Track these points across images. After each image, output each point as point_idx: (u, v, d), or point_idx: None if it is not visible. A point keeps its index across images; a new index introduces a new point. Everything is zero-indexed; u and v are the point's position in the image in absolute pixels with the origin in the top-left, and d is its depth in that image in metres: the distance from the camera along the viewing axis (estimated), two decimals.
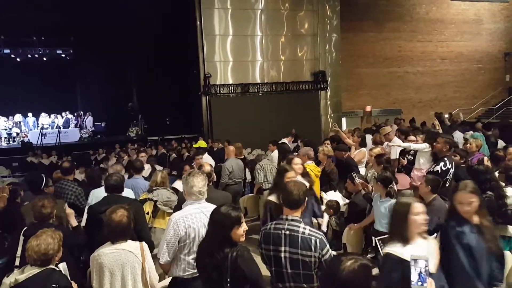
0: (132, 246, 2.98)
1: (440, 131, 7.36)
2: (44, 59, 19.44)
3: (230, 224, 2.55)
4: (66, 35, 18.64)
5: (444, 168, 5.28)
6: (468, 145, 6.17)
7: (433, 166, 5.44)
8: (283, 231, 2.79)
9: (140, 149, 7.59)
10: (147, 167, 7.39)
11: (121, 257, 2.93)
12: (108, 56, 18.48)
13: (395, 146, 6.76)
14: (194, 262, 3.11)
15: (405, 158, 6.84)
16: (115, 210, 2.96)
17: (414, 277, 2.05)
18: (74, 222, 3.79)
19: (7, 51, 18.64)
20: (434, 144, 5.67)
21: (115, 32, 17.46)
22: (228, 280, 2.49)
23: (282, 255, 2.77)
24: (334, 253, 2.93)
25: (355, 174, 5.36)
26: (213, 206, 3.32)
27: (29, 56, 19.11)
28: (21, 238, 3.40)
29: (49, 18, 16.59)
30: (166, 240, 3.10)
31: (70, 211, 3.81)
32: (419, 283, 2.03)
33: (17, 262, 3.34)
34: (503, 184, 4.32)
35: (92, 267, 2.97)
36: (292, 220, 2.82)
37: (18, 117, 18.48)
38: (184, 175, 3.45)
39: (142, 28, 17.40)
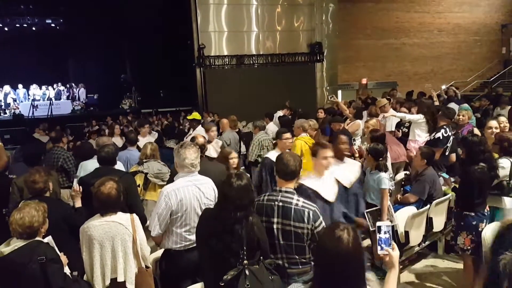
0: (122, 218, 2.95)
1: (437, 103, 7.33)
2: (33, 29, 18.89)
3: (252, 194, 2.61)
4: (55, 4, 18.06)
5: (445, 135, 5.33)
6: (461, 116, 6.16)
7: (434, 133, 5.46)
8: (276, 203, 2.77)
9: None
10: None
11: (111, 229, 2.90)
12: (99, 26, 18.01)
13: (392, 118, 6.74)
14: (187, 234, 3.11)
15: (400, 130, 6.83)
16: (104, 182, 2.91)
17: (379, 242, 2.07)
18: (78, 203, 3.67)
19: None
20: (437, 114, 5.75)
21: (105, 1, 16.96)
22: (245, 248, 2.50)
23: (275, 226, 2.75)
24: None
25: (353, 138, 5.33)
26: (206, 179, 3.29)
27: (17, 26, 18.54)
28: None
29: None
30: (157, 213, 3.06)
31: (75, 193, 3.70)
32: (384, 247, 2.06)
33: None
34: (497, 155, 4.31)
35: (81, 240, 2.93)
36: (286, 191, 2.80)
37: (7, 88, 18.08)
38: (176, 147, 3.38)
39: None
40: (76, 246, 3.15)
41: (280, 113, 9.63)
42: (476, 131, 5.88)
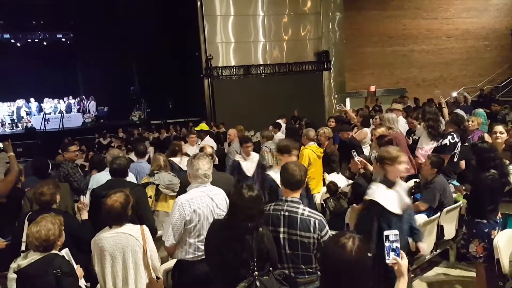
0: (132, 230, 2.97)
1: (446, 110, 7.28)
2: (45, 43, 19.33)
3: (262, 205, 2.65)
4: (65, 18, 18.45)
5: (452, 141, 5.26)
6: (470, 123, 6.11)
7: (441, 140, 5.41)
8: (282, 212, 2.78)
9: None
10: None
11: (121, 241, 2.92)
12: (108, 40, 18.32)
13: (402, 126, 6.71)
14: (200, 244, 3.10)
15: (411, 138, 6.80)
16: (110, 195, 2.95)
17: (387, 252, 2.07)
18: (84, 216, 3.74)
19: (7, 36, 18.52)
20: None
21: (114, 15, 17.27)
22: (255, 259, 2.51)
23: (281, 236, 2.76)
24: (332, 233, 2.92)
25: (354, 151, 5.28)
26: (218, 189, 3.31)
27: (29, 41, 19.01)
28: (26, 223, 3.40)
29: (48, 1, 16.38)
30: (171, 223, 3.09)
31: (81, 206, 3.76)
32: (393, 255, 2.06)
33: (23, 247, 3.34)
34: (507, 162, 4.27)
35: (93, 251, 2.96)
36: (292, 201, 2.80)
37: (19, 102, 18.41)
38: (189, 158, 3.42)
39: (143, 11, 17.16)
40: (79, 258, 3.19)
41: (280, 122, 9.61)
42: (487, 137, 5.83)
